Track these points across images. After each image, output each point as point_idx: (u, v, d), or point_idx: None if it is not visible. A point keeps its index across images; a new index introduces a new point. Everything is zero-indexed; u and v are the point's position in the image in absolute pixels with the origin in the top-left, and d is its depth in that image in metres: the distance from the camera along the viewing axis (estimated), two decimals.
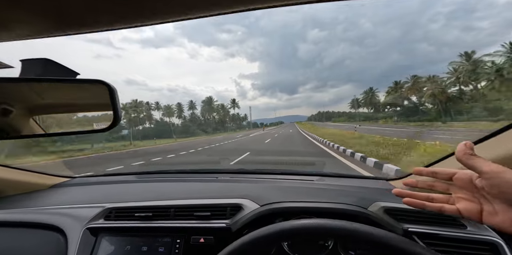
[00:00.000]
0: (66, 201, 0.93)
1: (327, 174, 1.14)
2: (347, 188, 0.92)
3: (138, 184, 1.14)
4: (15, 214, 0.86)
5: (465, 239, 0.61)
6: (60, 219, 0.80)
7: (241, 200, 0.80)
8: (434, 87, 35.59)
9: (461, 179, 0.45)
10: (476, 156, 0.42)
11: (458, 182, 0.46)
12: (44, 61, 0.40)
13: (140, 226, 0.75)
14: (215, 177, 1.15)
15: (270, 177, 1.12)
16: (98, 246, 0.73)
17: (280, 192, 0.89)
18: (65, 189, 1.10)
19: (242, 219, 0.74)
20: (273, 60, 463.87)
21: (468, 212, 0.44)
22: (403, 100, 45.64)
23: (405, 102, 45.44)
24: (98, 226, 0.76)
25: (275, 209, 0.75)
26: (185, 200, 0.83)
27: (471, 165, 0.42)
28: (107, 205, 0.82)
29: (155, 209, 0.80)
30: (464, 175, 0.45)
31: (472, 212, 0.43)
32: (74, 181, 1.19)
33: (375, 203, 0.74)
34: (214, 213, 0.77)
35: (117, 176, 1.31)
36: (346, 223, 0.45)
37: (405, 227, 0.66)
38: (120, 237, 0.75)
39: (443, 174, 0.47)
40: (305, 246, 0.71)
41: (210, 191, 0.95)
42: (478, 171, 0.42)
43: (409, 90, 43.92)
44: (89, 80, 0.46)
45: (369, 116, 61.86)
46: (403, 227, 0.66)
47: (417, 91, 42.15)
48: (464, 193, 0.45)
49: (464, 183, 0.45)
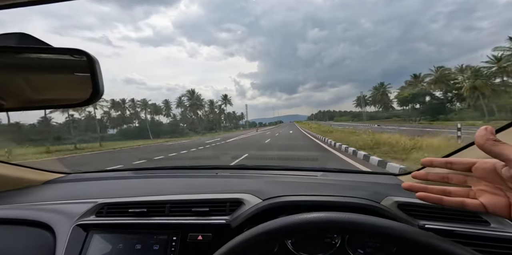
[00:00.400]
0: (58, 197, 0.89)
1: (331, 170, 1.12)
2: (355, 183, 0.89)
3: (134, 180, 1.10)
4: (3, 210, 0.81)
5: (489, 236, 0.57)
6: (48, 216, 0.76)
7: (242, 195, 0.77)
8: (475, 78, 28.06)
9: (483, 169, 0.39)
10: (501, 142, 0.37)
11: (479, 172, 0.40)
12: (20, 35, 0.40)
13: (134, 222, 0.72)
14: (215, 173, 1.12)
15: (272, 173, 1.11)
16: (89, 244, 0.69)
17: (283, 186, 0.86)
18: (58, 185, 1.06)
19: (242, 215, 0.70)
20: (272, 59, 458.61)
21: (494, 206, 0.38)
22: (424, 96, 38.43)
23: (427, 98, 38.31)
24: (88, 222, 0.72)
25: (278, 203, 0.72)
26: (182, 195, 0.79)
27: (496, 152, 0.36)
28: (99, 201, 0.78)
29: (150, 204, 0.76)
30: (486, 164, 0.39)
31: (499, 206, 0.38)
32: (69, 177, 1.16)
33: (387, 198, 0.70)
34: (213, 208, 0.73)
35: (113, 172, 1.32)
36: (365, 217, 0.40)
37: (421, 223, 0.63)
38: (112, 234, 0.71)
39: (460, 164, 0.41)
40: (310, 244, 0.67)
41: (209, 186, 0.91)
42: (505, 158, 0.36)
43: (434, 84, 36.67)
44: (66, 49, 0.43)
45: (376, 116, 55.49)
46: (419, 224, 0.63)
47: (444, 84, 35.09)
48: (487, 185, 0.39)
49: (487, 174, 0.39)
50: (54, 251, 0.67)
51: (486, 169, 0.39)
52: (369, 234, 0.39)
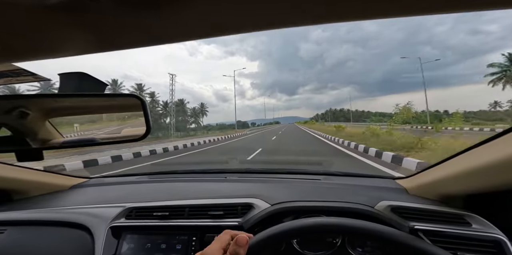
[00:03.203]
0: (88, 201, 0.97)
1: (333, 173, 1.19)
2: (354, 187, 0.97)
3: (151, 184, 1.19)
4: (41, 213, 0.89)
5: (470, 236, 0.62)
6: (85, 218, 0.83)
7: (252, 200, 0.83)
8: None
9: None
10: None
11: None
12: (80, 75, 0.44)
13: (159, 224, 0.79)
14: (224, 177, 1.21)
15: (277, 177, 1.19)
16: (122, 244, 0.76)
17: (289, 191, 0.92)
18: (85, 189, 1.14)
19: (253, 218, 0.76)
20: (273, 59, 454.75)
21: None
22: None
23: None
24: (121, 224, 0.80)
25: (286, 208, 0.78)
26: (198, 200, 0.86)
27: None
28: (127, 205, 0.86)
29: (171, 208, 0.83)
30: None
31: None
32: (91, 181, 1.25)
33: (382, 202, 0.76)
34: (227, 212, 0.80)
35: (131, 176, 1.36)
36: (354, 221, 0.50)
37: (411, 225, 0.67)
38: (140, 235, 0.78)
39: None
40: (314, 243, 0.73)
41: (220, 191, 0.98)
42: None
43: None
44: (123, 94, 0.54)
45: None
46: (409, 225, 0.67)
47: None
48: None
49: None
50: (93, 250, 0.74)
51: None
52: (357, 236, 0.49)
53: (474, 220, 0.66)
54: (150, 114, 0.51)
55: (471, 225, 0.65)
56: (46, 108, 0.50)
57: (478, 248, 0.61)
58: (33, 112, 0.47)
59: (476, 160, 0.61)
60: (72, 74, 0.44)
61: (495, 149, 0.57)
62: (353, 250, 0.72)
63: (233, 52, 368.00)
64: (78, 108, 0.54)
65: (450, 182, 0.72)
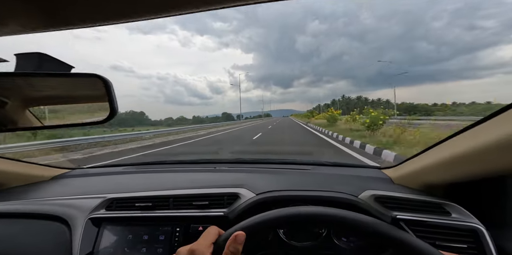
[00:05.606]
0: (67, 192, 0.93)
1: (323, 163, 1.19)
2: (341, 177, 0.98)
3: (137, 175, 1.14)
4: (18, 205, 0.86)
5: (449, 226, 0.63)
6: (63, 210, 0.81)
7: (238, 189, 0.82)
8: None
9: None
10: None
11: None
12: (38, 55, 0.42)
13: (141, 215, 0.77)
14: (213, 167, 1.17)
15: (267, 166, 1.16)
16: (101, 236, 0.74)
17: (276, 181, 0.91)
18: (66, 180, 1.11)
19: (239, 208, 0.76)
20: (269, 52, 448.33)
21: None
22: None
23: None
24: (100, 216, 0.78)
25: (270, 197, 0.78)
26: (184, 190, 0.84)
27: None
28: (108, 196, 0.83)
29: (154, 199, 0.81)
30: None
31: None
32: (75, 172, 1.20)
33: (366, 191, 0.77)
34: (212, 202, 0.78)
35: (117, 167, 1.30)
36: (335, 210, 0.48)
37: (393, 214, 0.68)
38: (121, 227, 0.77)
39: None
40: (300, 233, 0.74)
41: (208, 181, 0.96)
42: None
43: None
44: (84, 74, 0.48)
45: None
46: (392, 215, 0.68)
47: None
48: None
49: None
50: (70, 243, 0.72)
51: None
52: (338, 225, 0.46)
53: (453, 209, 0.66)
54: (114, 96, 0.48)
55: (451, 214, 0.65)
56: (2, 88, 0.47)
57: (456, 238, 0.62)
58: None
59: (456, 148, 0.60)
60: (29, 54, 0.41)
61: (474, 137, 0.56)
62: (338, 240, 0.72)
63: (227, 43, 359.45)
64: (37, 90, 0.50)
65: (432, 170, 0.71)
